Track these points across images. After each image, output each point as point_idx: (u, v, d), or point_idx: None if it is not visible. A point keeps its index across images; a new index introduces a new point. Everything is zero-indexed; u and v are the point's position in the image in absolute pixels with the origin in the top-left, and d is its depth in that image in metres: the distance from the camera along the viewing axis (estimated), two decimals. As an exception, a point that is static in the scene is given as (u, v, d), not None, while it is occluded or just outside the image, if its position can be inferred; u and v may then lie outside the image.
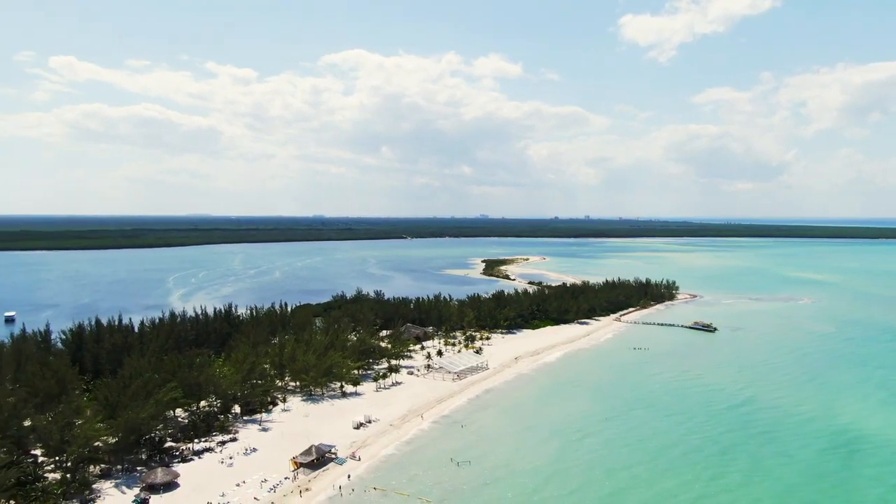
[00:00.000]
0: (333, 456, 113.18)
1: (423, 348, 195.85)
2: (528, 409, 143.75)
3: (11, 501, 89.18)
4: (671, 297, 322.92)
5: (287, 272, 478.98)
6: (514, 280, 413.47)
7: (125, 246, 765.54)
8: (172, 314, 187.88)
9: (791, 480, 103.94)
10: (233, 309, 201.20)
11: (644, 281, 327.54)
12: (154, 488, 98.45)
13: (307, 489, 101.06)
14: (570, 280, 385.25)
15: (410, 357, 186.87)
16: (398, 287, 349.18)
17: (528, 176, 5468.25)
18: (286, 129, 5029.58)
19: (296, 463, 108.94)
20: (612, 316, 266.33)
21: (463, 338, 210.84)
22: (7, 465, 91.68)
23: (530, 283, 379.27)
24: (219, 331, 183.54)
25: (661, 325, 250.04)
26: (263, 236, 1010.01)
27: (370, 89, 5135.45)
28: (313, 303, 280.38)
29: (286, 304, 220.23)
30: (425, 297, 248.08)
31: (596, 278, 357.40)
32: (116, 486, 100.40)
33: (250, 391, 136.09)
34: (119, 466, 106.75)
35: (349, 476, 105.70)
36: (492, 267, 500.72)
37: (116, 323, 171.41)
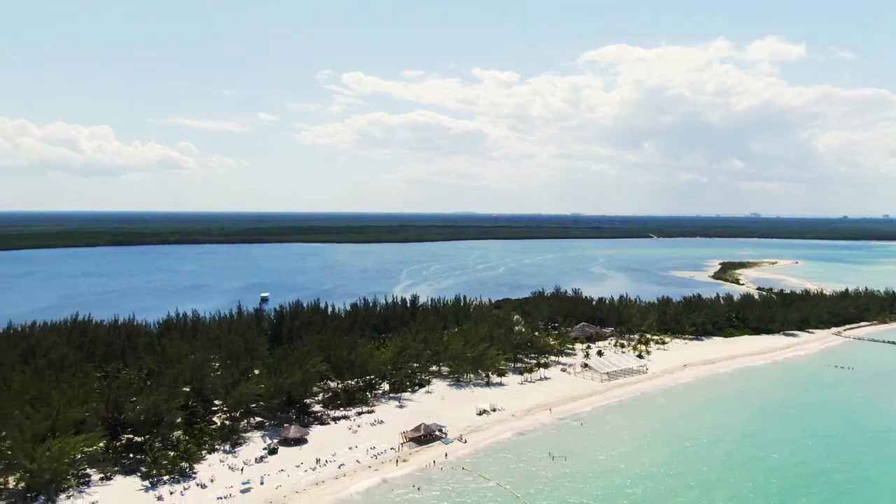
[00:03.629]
0: (441, 435, 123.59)
1: (589, 347, 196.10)
2: (663, 416, 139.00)
3: (181, 434, 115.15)
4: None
5: (512, 268, 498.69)
6: (742, 285, 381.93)
7: (386, 241, 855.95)
8: (365, 301, 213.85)
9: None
10: (416, 300, 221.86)
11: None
12: (287, 442, 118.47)
13: (405, 460, 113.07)
14: (812, 287, 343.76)
15: (573, 354, 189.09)
16: (609, 286, 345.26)
17: (812, 170, 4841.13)
18: (546, 129, 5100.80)
19: (405, 436, 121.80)
20: (833, 329, 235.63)
21: (635, 340, 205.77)
22: (181, 406, 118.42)
23: (759, 288, 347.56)
24: (401, 317, 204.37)
25: (894, 343, 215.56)
26: (510, 233, 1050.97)
27: (631, 84, 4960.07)
28: (513, 297, 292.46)
29: (465, 297, 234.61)
30: (609, 297, 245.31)
31: (844, 286, 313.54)
32: (262, 436, 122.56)
33: (396, 372, 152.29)
34: (272, 421, 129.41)
35: (446, 455, 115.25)
36: (726, 270, 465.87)
37: (315, 305, 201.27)
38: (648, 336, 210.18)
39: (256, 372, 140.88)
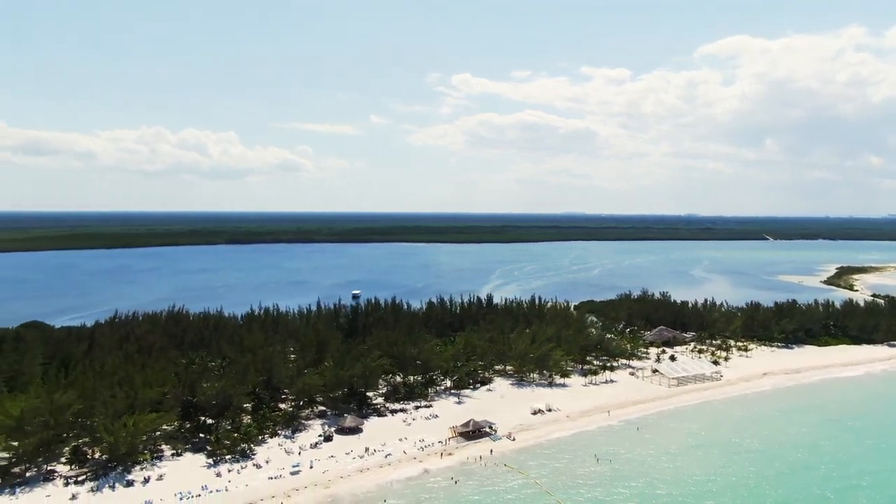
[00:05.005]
0: (490, 432, 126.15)
1: (663, 352, 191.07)
2: (724, 423, 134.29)
3: (249, 418, 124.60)
4: None
5: (608, 269, 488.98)
6: (857, 291, 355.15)
7: (488, 241, 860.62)
8: (441, 299, 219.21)
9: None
10: (491, 299, 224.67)
11: None
12: (342, 430, 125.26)
13: (450, 453, 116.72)
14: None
15: (646, 358, 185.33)
16: (704, 290, 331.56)
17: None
18: (659, 126, 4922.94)
19: (454, 430, 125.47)
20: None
21: (714, 346, 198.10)
22: (249, 393, 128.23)
23: (874, 295, 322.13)
24: (474, 316, 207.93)
25: None
26: (615, 234, 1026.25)
27: (752, 77, 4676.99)
28: (597, 299, 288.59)
29: (540, 298, 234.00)
30: (694, 301, 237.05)
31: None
32: (322, 424, 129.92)
33: (457, 369, 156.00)
34: (334, 411, 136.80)
35: (491, 451, 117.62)
36: (842, 275, 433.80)
37: (392, 302, 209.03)
38: (731, 342, 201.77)
39: (327, 364, 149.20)
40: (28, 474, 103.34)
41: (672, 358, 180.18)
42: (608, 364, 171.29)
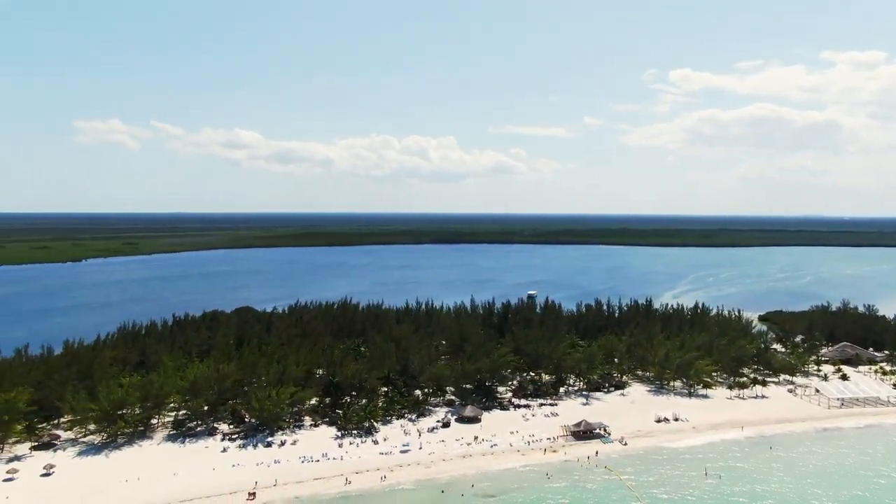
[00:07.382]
0: (601, 434, 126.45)
1: (838, 370, 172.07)
2: (881, 452, 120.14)
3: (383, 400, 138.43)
4: None
5: (821, 278, 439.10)
6: None
7: (693, 244, 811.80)
8: (598, 302, 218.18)
9: None
10: (650, 304, 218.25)
11: None
12: (461, 419, 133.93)
13: (554, 451, 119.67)
14: None
15: (815, 375, 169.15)
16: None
17: None
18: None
19: (565, 429, 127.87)
20: None
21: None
22: (381, 378, 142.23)
23: None
24: (628, 320, 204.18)
25: None
26: (847, 239, 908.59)
27: None
28: (790, 310, 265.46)
29: (703, 304, 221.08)
30: (893, 316, 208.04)
31: None
32: (446, 412, 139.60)
33: (590, 370, 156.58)
34: (461, 400, 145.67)
35: (597, 452, 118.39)
36: None
37: (545, 303, 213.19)
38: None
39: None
40: (198, 429, 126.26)
41: (844, 377, 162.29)
42: (761, 378, 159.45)
